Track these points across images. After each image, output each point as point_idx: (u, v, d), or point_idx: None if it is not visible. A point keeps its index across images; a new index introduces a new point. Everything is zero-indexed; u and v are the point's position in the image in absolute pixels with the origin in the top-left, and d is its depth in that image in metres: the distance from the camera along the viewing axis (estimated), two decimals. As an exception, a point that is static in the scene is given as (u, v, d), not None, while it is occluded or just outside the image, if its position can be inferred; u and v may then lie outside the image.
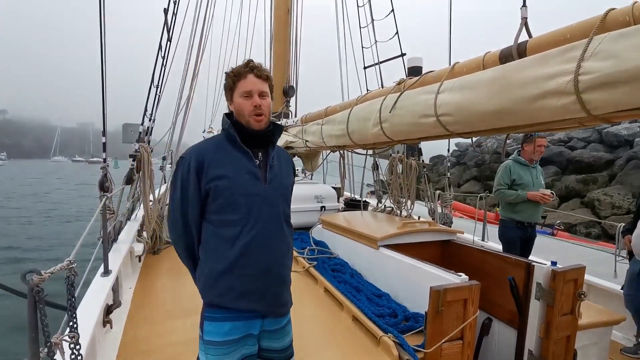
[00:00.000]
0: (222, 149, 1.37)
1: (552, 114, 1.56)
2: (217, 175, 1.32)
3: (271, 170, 1.39)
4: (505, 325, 2.32)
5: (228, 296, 1.32)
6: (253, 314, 1.36)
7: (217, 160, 1.34)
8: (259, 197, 1.34)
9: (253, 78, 1.35)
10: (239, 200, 1.32)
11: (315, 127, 4.09)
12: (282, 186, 1.44)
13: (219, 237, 1.34)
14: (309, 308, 2.61)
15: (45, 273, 1.21)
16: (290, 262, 1.49)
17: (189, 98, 4.95)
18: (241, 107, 1.36)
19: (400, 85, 2.73)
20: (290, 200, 1.51)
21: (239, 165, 1.34)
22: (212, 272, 1.34)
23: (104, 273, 2.44)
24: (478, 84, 1.84)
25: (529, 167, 3.71)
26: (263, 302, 1.36)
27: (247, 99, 1.35)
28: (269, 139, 1.43)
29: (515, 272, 2.24)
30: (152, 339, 2.18)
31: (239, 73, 1.36)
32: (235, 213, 1.32)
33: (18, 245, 10.71)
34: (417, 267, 2.40)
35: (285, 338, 1.47)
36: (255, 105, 1.34)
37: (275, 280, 1.39)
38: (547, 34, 1.72)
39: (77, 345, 1.34)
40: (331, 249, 3.60)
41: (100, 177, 3.18)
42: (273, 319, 1.41)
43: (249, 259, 1.32)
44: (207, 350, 1.33)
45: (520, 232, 3.61)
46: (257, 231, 1.33)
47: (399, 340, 1.95)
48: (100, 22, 3.07)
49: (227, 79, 1.39)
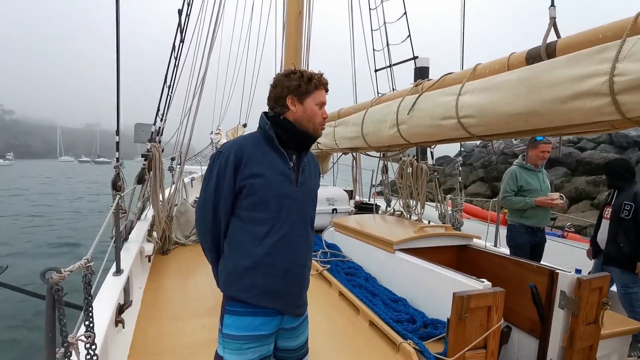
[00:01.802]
0: (259, 148, 1.40)
1: (584, 116, 1.52)
2: (253, 172, 1.34)
3: (303, 173, 1.44)
4: (525, 334, 2.26)
5: (251, 292, 1.35)
6: (273, 311, 1.38)
7: (254, 158, 1.37)
8: (289, 198, 1.38)
9: (324, 92, 1.46)
10: (271, 200, 1.35)
11: (327, 129, 4.06)
12: (311, 190, 1.49)
13: (247, 234, 1.37)
14: (324, 311, 2.56)
15: (65, 271, 1.19)
16: (310, 264, 1.53)
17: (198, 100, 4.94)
18: (314, 114, 1.42)
19: (418, 87, 2.69)
20: (316, 204, 1.54)
21: (274, 166, 1.38)
22: (237, 267, 1.36)
23: (116, 272, 2.43)
24: (504, 85, 1.80)
25: (535, 172, 3.68)
26: (283, 301, 1.39)
27: (319, 109, 1.44)
28: (308, 144, 1.48)
29: (536, 280, 2.18)
30: (162, 339, 2.16)
31: (319, 83, 1.43)
32: (265, 212, 1.35)
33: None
34: (436, 272, 2.35)
35: (300, 336, 1.50)
36: (325, 117, 1.46)
37: (297, 280, 1.42)
38: (578, 34, 1.68)
39: (92, 345, 1.32)
40: (344, 252, 3.56)
41: (113, 176, 3.18)
42: (291, 317, 1.44)
43: (274, 258, 1.35)
44: (226, 344, 1.36)
45: (529, 237, 3.58)
46: (285, 231, 1.36)
47: (419, 347, 1.90)
48: (116, 25, 3.06)
49: (307, 83, 1.41)
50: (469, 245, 3.01)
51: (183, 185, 5.18)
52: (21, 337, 5.08)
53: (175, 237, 4.28)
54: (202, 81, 4.80)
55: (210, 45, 4.81)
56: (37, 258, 9.21)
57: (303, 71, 1.44)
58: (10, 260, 7.00)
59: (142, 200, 4.11)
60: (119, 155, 3.42)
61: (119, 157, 3.40)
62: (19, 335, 5.15)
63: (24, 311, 5.58)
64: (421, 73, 5.33)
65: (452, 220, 4.65)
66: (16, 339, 5.06)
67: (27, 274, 6.83)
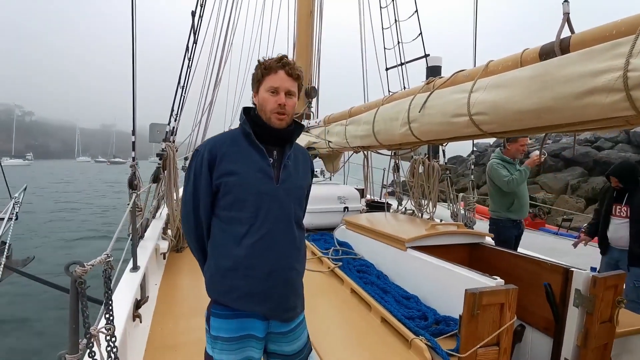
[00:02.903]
0: (236, 144, 1.32)
1: (599, 111, 1.50)
2: (227, 170, 1.28)
3: (285, 169, 1.33)
4: (539, 333, 2.24)
5: (231, 295, 1.29)
6: (257, 315, 1.31)
7: (230, 155, 1.30)
8: (268, 196, 1.29)
9: (283, 75, 1.29)
10: (248, 198, 1.27)
11: (338, 128, 4.08)
12: (296, 187, 1.37)
13: (226, 234, 1.31)
14: (336, 308, 2.58)
15: (87, 265, 1.24)
16: (300, 266, 1.41)
17: (212, 103, 5.02)
18: (265, 102, 1.30)
19: (430, 85, 2.69)
20: (304, 203, 1.45)
21: (250, 162, 1.30)
22: (218, 268, 1.31)
23: (132, 269, 2.49)
24: (517, 81, 1.78)
25: (514, 164, 3.86)
26: (267, 304, 1.30)
27: (272, 95, 1.29)
28: (287, 138, 1.37)
29: (551, 278, 2.16)
30: (177, 334, 2.21)
31: (269, 67, 1.29)
32: (243, 211, 1.28)
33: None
34: (448, 269, 2.35)
35: (296, 341, 1.39)
36: (280, 103, 1.29)
37: (282, 283, 1.32)
38: (592, 29, 1.66)
39: (112, 337, 1.36)
40: (355, 250, 3.57)
41: (129, 175, 3.25)
42: (278, 322, 1.36)
43: (255, 259, 1.28)
44: (215, 344, 1.31)
45: (515, 230, 3.80)
46: (265, 231, 1.28)
47: (431, 343, 1.90)
48: (132, 28, 3.14)
49: (257, 70, 1.33)
50: (481, 243, 2.99)
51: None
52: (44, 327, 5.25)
53: (189, 235, 4.35)
54: (216, 82, 4.88)
55: (224, 47, 4.88)
56: (58, 250, 9.63)
57: (263, 60, 1.33)
58: (35, 252, 7.25)
59: (157, 199, 4.20)
60: (135, 155, 3.49)
61: (134, 156, 3.48)
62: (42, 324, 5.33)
63: (46, 301, 5.78)
64: (433, 72, 5.29)
65: (465, 219, 4.62)
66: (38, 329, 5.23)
67: (48, 266, 7.08)
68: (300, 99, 6.53)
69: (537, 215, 8.59)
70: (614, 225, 3.46)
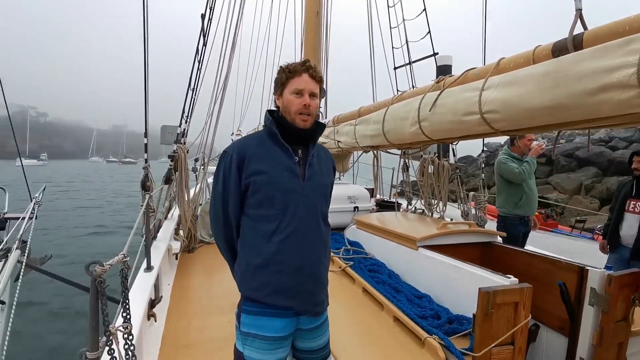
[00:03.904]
0: (263, 145, 1.38)
1: (613, 108, 1.49)
2: (256, 170, 1.33)
3: (310, 167, 1.39)
4: (554, 332, 2.22)
5: (263, 291, 1.34)
6: (288, 312, 1.36)
7: (257, 155, 1.35)
8: (296, 193, 1.34)
9: (307, 77, 1.36)
10: (276, 196, 1.32)
11: (348, 128, 4.08)
12: (321, 184, 1.43)
13: (256, 232, 1.36)
14: (348, 308, 2.59)
15: (106, 264, 1.27)
16: (327, 262, 1.47)
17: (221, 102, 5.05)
18: (290, 104, 1.36)
19: (440, 84, 2.68)
20: (329, 199, 1.49)
21: (278, 161, 1.35)
22: (249, 266, 1.36)
23: (146, 269, 2.53)
24: (529, 78, 1.77)
25: (522, 162, 3.82)
26: (297, 299, 1.35)
27: (297, 97, 1.36)
28: (310, 137, 1.43)
29: (565, 277, 2.13)
30: (191, 333, 2.24)
31: (294, 70, 1.36)
32: (272, 208, 1.33)
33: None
34: (461, 268, 2.34)
35: (321, 338, 1.46)
36: (305, 104, 1.35)
37: (310, 278, 1.37)
38: (605, 25, 1.64)
39: (129, 335, 1.39)
40: (366, 249, 3.57)
41: (142, 177, 3.30)
42: (308, 317, 1.41)
43: (284, 255, 1.32)
44: (245, 341, 1.36)
45: (523, 227, 3.76)
46: (294, 228, 1.33)
47: (445, 342, 1.90)
48: (143, 28, 3.18)
49: (281, 74, 1.39)
50: (493, 242, 2.97)
51: (206, 185, 5.31)
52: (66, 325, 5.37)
53: (200, 236, 4.40)
54: (225, 84, 4.92)
55: (232, 49, 4.92)
56: (74, 248, 9.82)
57: (287, 64, 1.40)
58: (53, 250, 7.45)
59: (169, 200, 4.25)
60: (147, 157, 3.54)
61: (147, 158, 3.52)
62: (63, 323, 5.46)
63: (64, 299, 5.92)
64: (443, 71, 5.26)
65: (476, 218, 4.58)
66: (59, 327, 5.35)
67: (64, 263, 7.23)
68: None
69: (549, 216, 8.47)
70: (628, 222, 3.36)
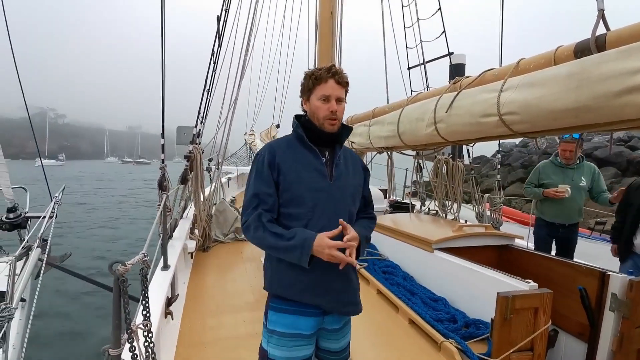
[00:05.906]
0: (291, 147, 1.43)
1: (638, 110, 1.45)
2: (286, 169, 1.37)
3: (337, 168, 1.42)
4: (573, 338, 2.18)
5: (293, 289, 1.36)
6: (315, 310, 1.37)
7: (287, 156, 1.40)
8: (323, 192, 1.37)
9: (333, 83, 1.38)
10: (305, 195, 1.36)
11: (362, 129, 4.07)
12: (349, 184, 1.45)
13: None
14: (363, 309, 2.58)
15: (128, 264, 1.29)
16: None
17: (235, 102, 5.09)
18: (317, 109, 1.40)
19: (457, 85, 2.65)
20: (358, 200, 1.51)
21: (306, 162, 1.40)
22: (280, 263, 1.38)
23: (163, 267, 2.57)
24: (551, 80, 1.74)
25: (565, 168, 3.71)
26: (326, 297, 1.37)
27: (324, 102, 1.39)
28: (337, 139, 1.46)
29: (586, 282, 2.09)
30: (206, 331, 2.27)
31: (320, 77, 1.39)
32: (301, 207, 1.36)
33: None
34: (478, 272, 2.31)
35: (343, 339, 1.48)
36: (332, 110, 1.38)
37: (339, 276, 1.38)
38: (628, 26, 1.60)
39: (149, 333, 1.41)
40: (380, 250, 3.56)
41: (159, 177, 3.35)
42: (335, 317, 1.42)
43: None
44: (270, 338, 1.38)
45: (548, 230, 3.70)
46: (322, 226, 1.34)
47: (462, 346, 1.88)
48: (161, 33, 3.23)
49: (307, 80, 1.42)
50: (510, 245, 2.92)
51: (221, 185, 5.36)
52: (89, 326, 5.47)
53: (215, 235, 4.45)
54: (239, 84, 4.96)
55: (246, 52, 4.95)
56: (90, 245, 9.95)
57: (313, 70, 1.43)
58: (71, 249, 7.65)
59: (184, 200, 4.31)
60: (164, 157, 3.59)
61: (163, 158, 3.58)
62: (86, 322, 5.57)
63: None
64: (457, 70, 5.21)
65: (491, 220, 4.52)
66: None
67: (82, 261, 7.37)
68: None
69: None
70: None
